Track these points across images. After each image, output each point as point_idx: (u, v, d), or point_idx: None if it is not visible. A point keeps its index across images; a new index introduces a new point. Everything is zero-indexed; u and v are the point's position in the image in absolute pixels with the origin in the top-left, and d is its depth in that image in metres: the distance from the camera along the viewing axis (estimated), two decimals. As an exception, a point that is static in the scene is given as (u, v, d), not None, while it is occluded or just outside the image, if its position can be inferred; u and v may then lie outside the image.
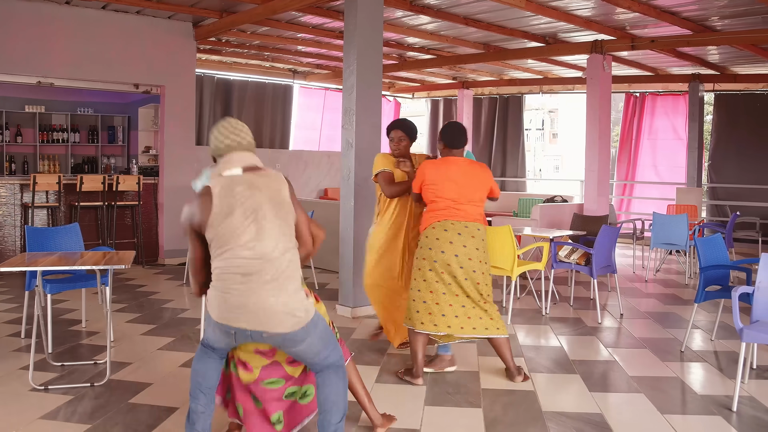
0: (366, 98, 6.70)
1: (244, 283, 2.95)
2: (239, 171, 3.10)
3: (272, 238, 3.01)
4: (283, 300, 2.97)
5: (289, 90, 14.57)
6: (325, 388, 3.23)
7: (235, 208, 3.00)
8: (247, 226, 2.99)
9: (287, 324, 2.97)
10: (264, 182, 3.08)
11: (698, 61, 11.17)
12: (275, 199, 3.07)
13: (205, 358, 3.25)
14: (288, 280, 3.01)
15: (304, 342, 3.06)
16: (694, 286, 8.65)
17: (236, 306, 2.96)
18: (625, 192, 14.31)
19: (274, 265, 2.98)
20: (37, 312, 4.85)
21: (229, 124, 3.23)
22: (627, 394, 4.54)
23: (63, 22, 8.71)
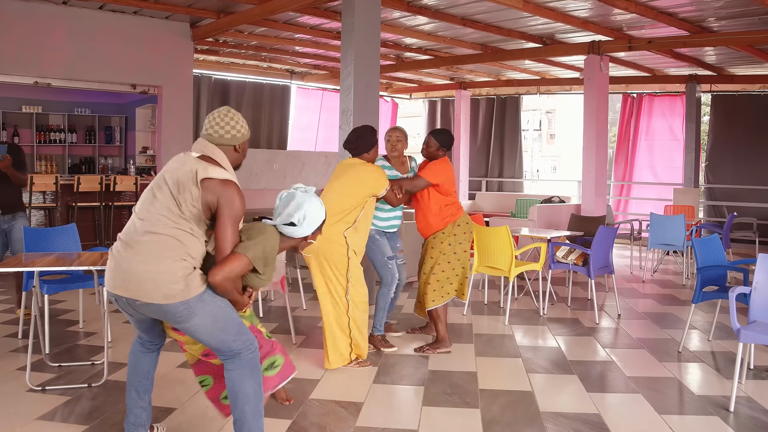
0: (363, 99, 6.70)
1: (123, 249, 3.00)
2: (194, 154, 3.15)
3: (161, 209, 3.00)
4: (154, 269, 2.92)
5: (287, 90, 14.57)
6: (228, 379, 3.16)
7: (154, 181, 3.13)
8: (147, 195, 3.08)
9: (156, 295, 2.91)
10: (191, 167, 3.05)
11: (695, 62, 11.19)
12: (183, 182, 3.01)
13: (133, 350, 3.43)
14: (167, 253, 2.94)
15: (189, 319, 2.98)
16: (691, 287, 8.66)
17: (113, 270, 3.02)
18: (623, 192, 14.33)
19: (154, 235, 2.96)
20: (34, 312, 4.84)
21: (212, 115, 3.26)
22: (624, 395, 4.54)
23: (60, 23, 8.70)
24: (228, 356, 3.13)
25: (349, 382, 4.72)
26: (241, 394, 3.13)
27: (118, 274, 2.99)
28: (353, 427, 3.87)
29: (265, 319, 6.46)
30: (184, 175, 3.03)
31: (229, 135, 3.20)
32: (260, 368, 3.24)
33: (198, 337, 3.08)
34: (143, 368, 3.42)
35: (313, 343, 5.68)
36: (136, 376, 3.41)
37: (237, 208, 3.01)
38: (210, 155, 3.13)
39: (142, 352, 3.44)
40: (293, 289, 7.33)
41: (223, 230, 2.99)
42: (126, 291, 2.96)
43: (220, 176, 3.03)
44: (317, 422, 3.92)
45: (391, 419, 4.02)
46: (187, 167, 3.05)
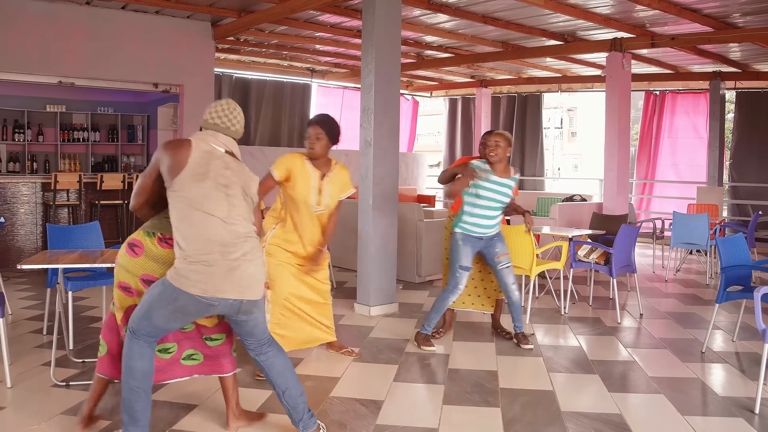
0: (384, 97, 6.70)
1: (227, 255, 3.19)
2: (222, 150, 3.35)
3: (241, 217, 3.29)
4: (260, 268, 3.33)
5: (308, 89, 14.59)
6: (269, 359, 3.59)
7: (207, 177, 3.21)
8: (220, 200, 3.23)
9: (259, 291, 3.32)
10: (239, 169, 3.37)
11: (719, 59, 11.05)
12: (245, 187, 3.36)
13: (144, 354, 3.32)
14: (258, 251, 3.34)
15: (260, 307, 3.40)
16: (715, 287, 8.56)
17: (220, 276, 3.17)
18: (645, 191, 14.20)
19: (248, 238, 3.28)
20: (59, 309, 4.90)
21: (228, 106, 3.45)
22: (647, 395, 4.50)
23: (83, 23, 8.79)
24: (266, 341, 3.54)
25: (370, 380, 4.72)
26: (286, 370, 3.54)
27: (231, 279, 3.18)
28: (373, 425, 3.88)
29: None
30: (247, 181, 3.37)
31: (234, 128, 3.45)
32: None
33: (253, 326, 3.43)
34: (143, 367, 3.32)
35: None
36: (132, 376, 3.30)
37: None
38: (235, 152, 3.43)
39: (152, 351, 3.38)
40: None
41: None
42: (243, 293, 3.23)
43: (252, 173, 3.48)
44: (337, 420, 3.93)
45: (411, 418, 4.01)
46: (245, 174, 3.38)
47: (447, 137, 16.84)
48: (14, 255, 8.83)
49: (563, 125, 40.80)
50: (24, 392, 4.30)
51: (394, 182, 6.85)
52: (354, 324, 6.31)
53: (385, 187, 6.72)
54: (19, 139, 10.77)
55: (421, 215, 8.28)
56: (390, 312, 6.75)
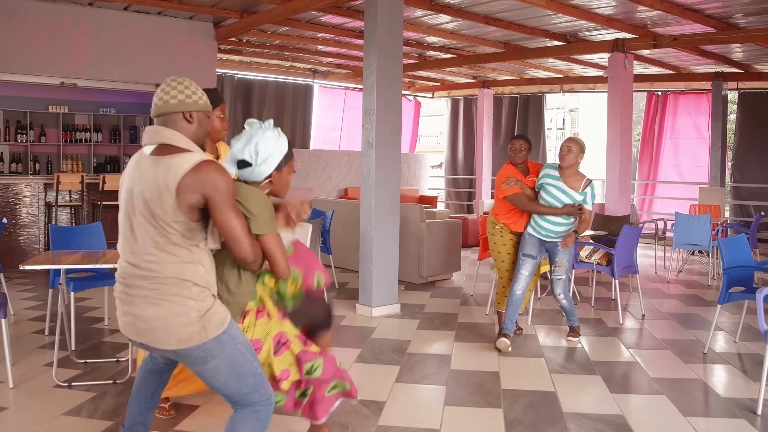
0: (386, 98, 6.70)
1: (123, 291, 2.65)
2: (149, 150, 2.64)
3: (146, 248, 2.56)
4: (165, 312, 2.55)
5: (310, 90, 14.61)
6: (231, 419, 2.79)
7: (121, 203, 2.68)
8: (125, 231, 2.65)
9: (170, 340, 2.57)
10: (152, 176, 2.53)
11: (722, 59, 11.04)
12: (154, 200, 2.52)
13: (143, 367, 3.12)
14: (175, 292, 2.55)
15: (205, 363, 2.63)
16: (717, 287, 8.55)
17: (122, 312, 2.68)
18: (647, 192, 14.19)
19: (154, 281, 2.56)
20: (61, 310, 4.91)
21: (167, 82, 2.71)
22: (649, 396, 4.50)
23: (85, 24, 8.82)
24: (239, 407, 2.79)
25: (372, 381, 4.72)
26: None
27: (127, 317, 2.65)
28: (375, 425, 3.88)
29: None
30: (150, 192, 2.53)
31: (176, 100, 2.65)
32: (268, 425, 2.84)
33: (212, 383, 2.71)
34: (150, 387, 3.13)
35: (336, 342, 5.66)
36: (140, 394, 3.13)
37: (227, 189, 2.52)
38: (165, 141, 2.60)
39: (152, 372, 3.13)
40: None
41: (227, 223, 2.54)
42: (138, 336, 2.65)
43: (187, 166, 2.51)
44: (340, 421, 3.93)
45: (413, 418, 4.01)
46: (148, 179, 2.54)
47: (449, 138, 16.84)
48: (17, 256, 8.84)
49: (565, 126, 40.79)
50: (26, 393, 4.30)
51: (396, 183, 6.85)
52: (356, 325, 6.31)
53: (386, 187, 6.72)
54: (22, 139, 10.78)
55: (423, 216, 8.28)
56: (392, 313, 6.75)
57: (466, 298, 7.59)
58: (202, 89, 2.77)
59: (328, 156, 14.01)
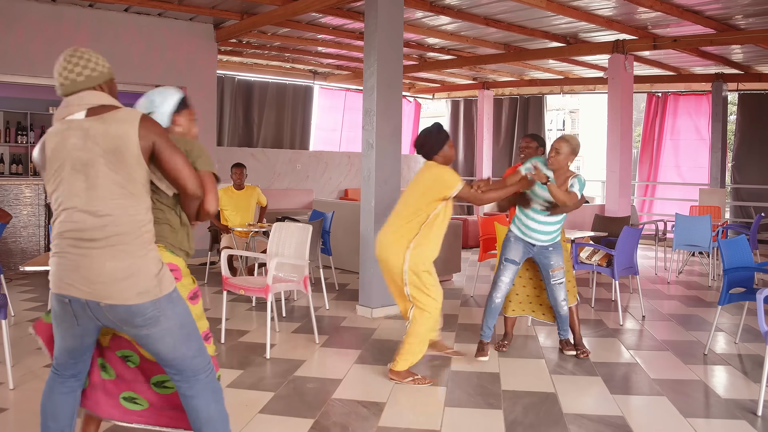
0: (386, 99, 6.70)
1: (77, 246, 2.52)
2: (81, 115, 2.61)
3: (107, 196, 2.53)
4: (127, 266, 2.51)
5: (310, 91, 14.62)
6: (191, 408, 2.75)
7: (65, 164, 2.57)
8: (78, 184, 2.55)
9: (129, 294, 2.51)
10: (104, 130, 2.55)
11: (722, 61, 11.05)
12: (114, 150, 2.54)
13: (54, 389, 2.81)
14: (132, 243, 2.54)
15: (156, 324, 2.58)
16: (717, 289, 8.55)
17: (69, 270, 2.53)
18: (647, 193, 14.20)
19: (112, 226, 2.52)
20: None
21: (66, 60, 2.73)
22: (649, 397, 4.50)
23: (86, 25, 8.82)
24: (185, 377, 2.73)
25: (372, 382, 4.72)
26: (207, 423, 2.76)
27: (76, 273, 2.52)
28: (375, 427, 3.87)
29: (287, 319, 6.49)
30: (110, 142, 2.54)
31: (83, 77, 2.69)
32: (221, 389, 2.85)
33: (157, 347, 2.64)
34: (65, 412, 2.83)
35: (336, 343, 5.70)
36: (55, 424, 2.81)
37: (166, 134, 2.69)
38: (99, 102, 2.64)
39: (62, 393, 2.82)
40: (316, 289, 7.36)
41: (175, 159, 2.68)
42: (90, 293, 2.51)
43: (136, 116, 2.62)
44: (340, 422, 3.93)
45: (413, 420, 4.01)
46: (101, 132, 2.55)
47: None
48: (17, 257, 8.83)
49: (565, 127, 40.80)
50: (27, 394, 4.30)
51: (396, 184, 6.85)
52: (356, 326, 6.31)
53: (387, 189, 6.72)
54: (22, 141, 10.79)
55: (423, 217, 8.26)
56: (392, 314, 6.74)
57: (467, 299, 7.59)
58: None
59: (329, 157, 14.02)
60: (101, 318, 2.57)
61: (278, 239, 5.97)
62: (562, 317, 5.37)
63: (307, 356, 5.28)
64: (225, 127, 13.09)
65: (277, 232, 6.01)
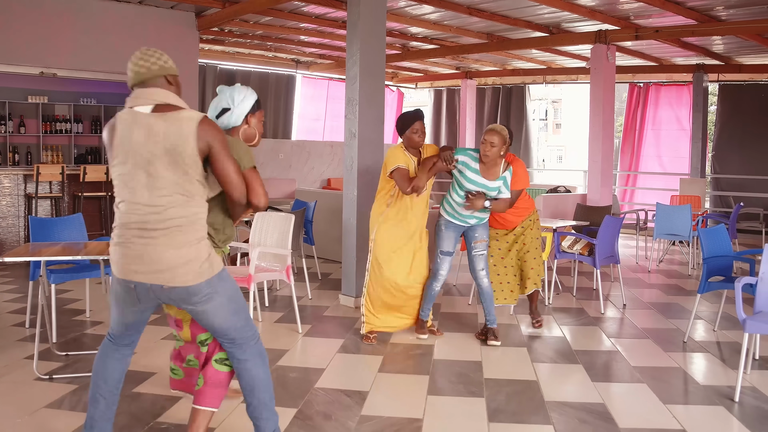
0: (369, 88, 6.68)
1: (140, 236, 2.81)
2: (148, 109, 2.87)
3: (165, 192, 2.81)
4: (185, 253, 2.83)
5: (292, 80, 14.55)
6: (243, 369, 3.14)
7: (129, 158, 2.83)
8: (140, 179, 2.82)
9: (188, 276, 2.84)
10: (165, 129, 2.80)
11: (703, 51, 11.13)
12: (173, 151, 2.79)
13: (108, 354, 3.13)
14: (193, 235, 2.86)
15: (211, 301, 2.92)
16: (697, 277, 8.64)
17: (134, 258, 2.83)
18: (629, 182, 14.30)
19: (170, 219, 2.81)
20: (42, 302, 4.87)
21: (142, 52, 3.06)
22: (629, 384, 4.55)
23: (66, 13, 8.71)
24: (237, 344, 3.08)
25: (355, 371, 4.74)
26: (258, 383, 3.13)
27: (141, 260, 2.82)
28: (358, 415, 3.89)
29: (270, 309, 6.48)
30: (170, 141, 2.79)
31: (156, 66, 2.99)
32: (266, 355, 3.22)
33: (213, 320, 2.98)
34: (115, 375, 3.13)
35: (319, 332, 5.70)
36: (105, 385, 3.11)
37: (224, 140, 2.92)
38: (164, 101, 2.90)
39: (115, 358, 3.14)
40: (299, 279, 7.35)
41: (226, 166, 2.91)
42: (154, 277, 2.82)
43: (197, 119, 2.85)
44: (323, 411, 3.94)
45: (396, 408, 4.03)
46: (163, 131, 2.80)
47: (431, 129, 16.85)
48: (-4, 247, 8.75)
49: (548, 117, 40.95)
50: (7, 385, 4.27)
51: (378, 173, 6.84)
52: (338, 315, 6.32)
53: (369, 178, 6.71)
54: (1, 130, 10.65)
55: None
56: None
57: (449, 288, 7.61)
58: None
59: (311, 146, 13.97)
60: (163, 298, 2.91)
61: (260, 229, 5.95)
62: (484, 292, 5.49)
63: (290, 346, 5.29)
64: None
65: (259, 221, 5.99)
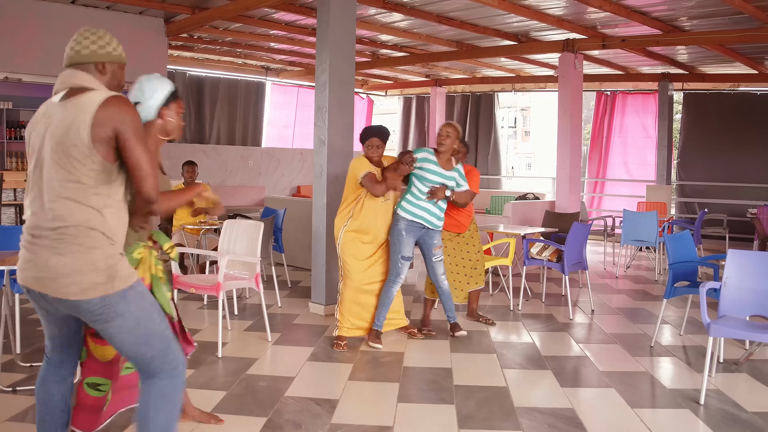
0: (339, 96, 6.68)
1: (32, 241, 2.51)
2: (59, 97, 2.56)
3: (53, 191, 2.47)
4: (71, 261, 2.45)
5: (262, 87, 14.49)
6: (140, 400, 2.71)
7: (33, 154, 2.57)
8: (35, 178, 2.53)
9: (72, 290, 2.45)
10: (61, 116, 2.48)
11: (668, 61, 11.32)
12: (63, 142, 2.45)
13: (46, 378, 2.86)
14: (83, 241, 2.47)
15: (109, 321, 2.52)
16: (663, 282, 8.76)
17: (25, 262, 2.54)
18: (596, 189, 14.47)
19: (58, 221, 2.46)
20: (5, 312, 4.77)
21: (80, 32, 2.69)
22: (598, 389, 4.59)
23: (32, 18, 8.58)
24: (146, 375, 2.70)
25: (324, 379, 4.71)
26: (146, 423, 2.68)
27: (30, 265, 2.51)
28: (329, 424, 3.87)
29: (239, 317, 6.43)
30: (61, 132, 2.45)
31: (87, 50, 2.63)
32: (178, 398, 2.74)
33: (116, 344, 2.61)
34: (56, 401, 2.85)
35: (288, 341, 5.67)
36: (49, 414, 2.83)
37: (134, 122, 2.49)
38: (78, 83, 2.57)
39: (54, 381, 2.86)
40: (268, 287, 7.30)
41: (136, 155, 2.48)
42: (39, 284, 2.49)
43: (98, 101, 2.46)
44: (292, 419, 3.91)
45: (366, 416, 4.02)
46: (57, 121, 2.48)
47: (401, 136, 16.90)
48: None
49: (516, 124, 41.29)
50: (-30, 397, 4.18)
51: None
52: (308, 323, 6.29)
53: (339, 185, 6.69)
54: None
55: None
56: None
57: (419, 295, 7.62)
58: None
59: (281, 154, 13.92)
60: (60, 308, 2.56)
61: (229, 236, 5.91)
62: (445, 292, 5.78)
63: (260, 354, 5.25)
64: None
65: (228, 229, 5.95)
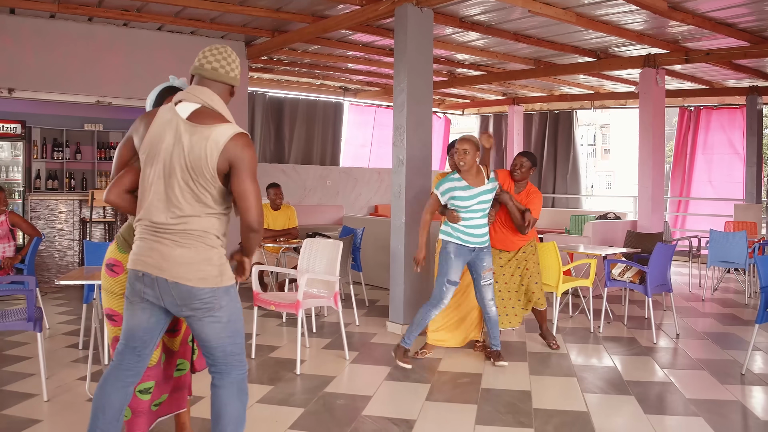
0: (416, 115, 6.71)
1: (154, 233, 2.82)
2: (187, 111, 2.86)
3: (182, 202, 2.79)
4: (193, 253, 2.80)
5: (340, 107, 14.70)
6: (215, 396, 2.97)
7: (156, 161, 2.84)
8: (161, 186, 2.82)
9: (192, 276, 2.78)
10: (191, 143, 2.79)
11: (756, 74, 10.89)
12: (195, 166, 2.78)
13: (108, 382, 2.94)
14: (203, 240, 2.83)
15: (210, 311, 2.83)
16: (754, 306, 8.38)
17: (146, 249, 2.83)
18: (680, 208, 13.99)
19: (184, 225, 2.80)
20: (95, 324, 4.97)
21: (218, 49, 2.96)
22: (684, 418, 4.41)
23: (120, 43, 8.98)
24: (219, 369, 2.96)
25: (402, 399, 4.70)
26: (225, 414, 2.92)
27: (155, 253, 2.81)
28: None
29: (317, 335, 6.50)
30: (191, 159, 2.77)
31: (233, 74, 2.99)
32: (247, 392, 3.04)
33: (208, 333, 2.87)
34: (114, 406, 2.93)
35: (366, 359, 5.68)
36: (104, 417, 2.91)
37: (251, 159, 2.82)
38: (211, 105, 2.90)
39: (116, 387, 2.93)
40: (346, 305, 7.35)
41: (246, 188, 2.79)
42: (159, 270, 2.79)
43: (226, 137, 2.79)
44: (369, 439, 3.91)
45: (443, 437, 3.98)
46: (187, 146, 2.78)
47: (478, 154, 16.79)
48: (52, 270, 8.99)
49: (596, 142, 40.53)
50: (60, 406, 4.35)
51: (426, 200, 6.84)
52: (386, 342, 6.29)
53: (417, 204, 6.71)
54: (58, 157, 10.99)
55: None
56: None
57: (497, 316, 7.52)
58: None
59: (358, 173, 14.06)
60: (167, 296, 2.81)
61: (309, 255, 5.99)
62: (491, 319, 5.52)
63: (337, 372, 5.28)
64: (256, 144, 13.17)
65: (307, 248, 6.03)
